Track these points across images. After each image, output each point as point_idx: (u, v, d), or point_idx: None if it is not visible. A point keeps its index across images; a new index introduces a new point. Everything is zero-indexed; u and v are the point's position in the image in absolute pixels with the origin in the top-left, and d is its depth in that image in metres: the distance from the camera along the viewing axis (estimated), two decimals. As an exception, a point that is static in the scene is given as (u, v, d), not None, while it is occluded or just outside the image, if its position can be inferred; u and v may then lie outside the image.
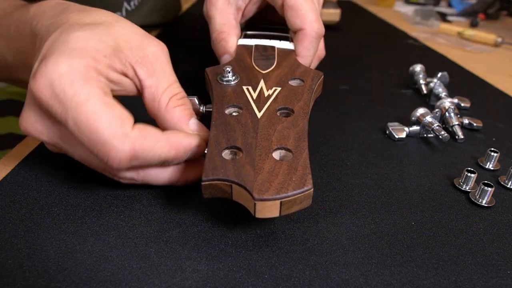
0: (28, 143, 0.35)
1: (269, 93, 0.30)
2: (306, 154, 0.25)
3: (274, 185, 0.23)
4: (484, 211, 0.30)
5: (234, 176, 0.23)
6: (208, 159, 0.24)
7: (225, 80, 0.31)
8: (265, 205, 0.23)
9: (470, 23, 0.94)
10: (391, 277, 0.24)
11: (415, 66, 0.53)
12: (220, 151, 0.25)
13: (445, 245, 0.27)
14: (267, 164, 0.24)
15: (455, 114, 0.42)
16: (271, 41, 0.38)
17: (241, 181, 0.23)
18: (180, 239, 0.26)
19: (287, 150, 0.25)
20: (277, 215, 0.23)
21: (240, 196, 0.24)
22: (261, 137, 0.26)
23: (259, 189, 0.22)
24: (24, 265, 0.24)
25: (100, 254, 0.25)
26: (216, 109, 0.28)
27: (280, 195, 0.22)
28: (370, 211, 0.30)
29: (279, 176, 0.23)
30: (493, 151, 0.36)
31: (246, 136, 0.26)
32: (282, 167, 0.24)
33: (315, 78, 0.32)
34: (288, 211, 0.23)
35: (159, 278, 0.23)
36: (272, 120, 0.27)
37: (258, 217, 0.23)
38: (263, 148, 0.25)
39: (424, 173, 0.35)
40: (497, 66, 0.67)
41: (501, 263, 0.26)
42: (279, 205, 0.23)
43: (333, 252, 0.26)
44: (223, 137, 0.26)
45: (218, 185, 0.24)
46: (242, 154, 0.25)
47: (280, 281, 0.24)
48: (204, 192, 0.24)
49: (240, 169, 0.24)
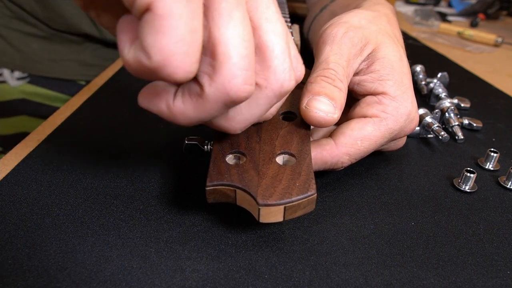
0: (28, 143, 0.35)
1: None
2: (309, 158, 0.25)
3: (278, 190, 0.23)
4: (484, 211, 0.30)
5: (238, 181, 0.23)
6: (212, 164, 0.24)
7: None
8: (269, 210, 0.23)
9: (470, 23, 0.94)
10: (391, 277, 0.24)
11: (415, 66, 0.53)
12: (224, 156, 0.25)
13: (445, 245, 0.27)
14: (271, 169, 0.24)
15: (455, 115, 0.42)
16: None
17: (245, 186, 0.23)
18: (180, 239, 0.26)
19: (290, 154, 0.25)
20: (281, 220, 0.23)
21: (244, 201, 0.24)
22: (264, 142, 0.26)
23: (263, 194, 0.23)
24: (24, 265, 0.24)
25: (100, 254, 0.25)
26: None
27: (284, 200, 0.22)
28: (370, 212, 0.30)
29: (282, 181, 0.23)
30: (493, 152, 0.36)
31: (250, 140, 0.26)
32: (285, 172, 0.24)
33: None
34: (292, 216, 0.23)
35: (159, 278, 0.23)
36: (275, 125, 0.28)
37: (262, 221, 0.23)
38: (267, 153, 0.25)
39: (424, 174, 0.35)
40: (497, 66, 0.67)
41: (501, 263, 0.26)
42: (283, 210, 0.23)
43: (333, 252, 0.26)
44: (227, 142, 0.26)
45: (222, 190, 0.24)
46: (245, 159, 0.25)
47: (280, 281, 0.24)
48: (208, 197, 0.24)
49: (244, 174, 0.24)
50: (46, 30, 0.59)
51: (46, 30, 0.59)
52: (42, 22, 0.58)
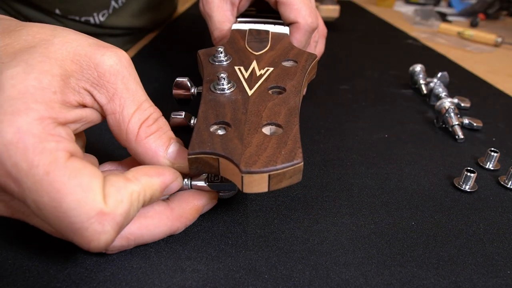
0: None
1: (261, 73, 0.30)
2: (296, 129, 0.24)
3: (262, 158, 0.22)
4: (484, 211, 0.30)
5: (221, 149, 0.23)
6: (196, 133, 0.24)
7: (217, 60, 0.31)
8: (253, 178, 0.22)
9: (470, 23, 0.94)
10: (391, 277, 0.24)
11: (415, 66, 0.53)
12: (208, 126, 0.24)
13: (445, 245, 0.27)
14: (256, 138, 0.23)
15: (455, 114, 0.42)
16: (265, 26, 0.38)
17: (228, 154, 0.22)
18: (180, 239, 0.26)
19: (277, 125, 0.25)
20: (265, 190, 0.23)
21: (227, 170, 0.23)
22: (251, 113, 0.25)
23: (246, 162, 0.22)
24: (24, 265, 0.24)
25: (100, 254, 0.25)
26: (206, 88, 0.28)
27: (268, 167, 0.22)
28: (370, 211, 0.30)
29: (267, 150, 0.23)
30: (493, 151, 0.36)
31: (236, 112, 0.25)
32: (271, 141, 0.23)
33: (309, 60, 0.32)
34: (277, 186, 0.23)
35: (159, 278, 0.23)
36: (263, 98, 0.27)
37: (246, 191, 0.22)
38: (253, 123, 0.24)
39: (424, 173, 0.35)
40: (497, 66, 0.67)
41: (501, 263, 0.26)
42: (267, 179, 0.22)
43: (333, 252, 0.26)
44: (212, 113, 0.25)
45: (204, 159, 0.23)
46: (230, 129, 0.24)
47: (280, 281, 0.24)
48: (190, 166, 0.23)
49: (227, 142, 0.23)
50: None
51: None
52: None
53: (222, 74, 0.27)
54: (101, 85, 0.23)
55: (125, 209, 0.21)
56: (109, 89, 0.23)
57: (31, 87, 0.20)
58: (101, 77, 0.23)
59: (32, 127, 0.19)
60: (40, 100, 0.20)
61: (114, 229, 0.20)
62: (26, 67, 0.21)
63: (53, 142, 0.20)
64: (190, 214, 0.25)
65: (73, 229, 0.20)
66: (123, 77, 0.24)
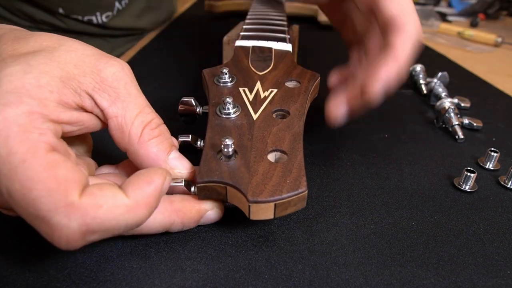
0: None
1: (265, 95, 0.30)
2: (301, 156, 0.25)
3: (268, 188, 0.23)
4: (484, 211, 0.30)
5: (228, 178, 0.23)
6: (203, 161, 0.24)
7: (222, 81, 0.31)
8: (259, 207, 0.23)
9: (470, 23, 0.94)
10: (391, 277, 0.24)
11: (415, 66, 0.53)
12: (215, 153, 0.25)
13: (445, 245, 0.27)
14: (262, 166, 0.24)
15: (455, 114, 0.42)
16: (268, 43, 0.38)
17: (236, 183, 0.23)
18: (180, 239, 0.26)
19: (282, 152, 0.25)
20: (271, 217, 0.23)
21: (234, 198, 0.24)
22: (256, 139, 0.26)
23: (253, 191, 0.23)
24: (24, 265, 0.24)
25: (100, 254, 0.25)
26: (212, 111, 0.28)
27: (274, 197, 0.22)
28: (370, 211, 0.30)
29: (273, 178, 0.23)
30: (493, 151, 0.36)
31: (242, 138, 0.26)
32: (276, 169, 0.24)
33: (312, 80, 0.32)
34: (282, 213, 0.23)
35: (159, 278, 0.23)
36: (268, 122, 0.27)
37: (252, 219, 0.23)
38: (258, 150, 0.25)
39: (424, 173, 0.35)
40: (497, 66, 0.67)
41: (501, 263, 0.26)
42: (273, 208, 0.23)
43: (333, 252, 0.26)
44: (219, 140, 0.26)
45: (213, 187, 0.24)
46: (237, 156, 0.25)
47: (280, 281, 0.24)
48: (199, 194, 0.25)
49: (235, 171, 0.24)
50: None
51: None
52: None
53: (227, 99, 0.28)
54: (103, 89, 0.24)
55: (103, 215, 0.20)
56: (111, 93, 0.24)
57: (28, 84, 0.21)
58: (103, 82, 0.24)
59: (19, 118, 0.20)
60: (35, 96, 0.21)
61: (80, 228, 0.19)
62: (27, 67, 0.22)
63: (36, 134, 0.20)
64: (189, 211, 0.25)
65: (39, 217, 0.19)
66: (126, 83, 0.24)
